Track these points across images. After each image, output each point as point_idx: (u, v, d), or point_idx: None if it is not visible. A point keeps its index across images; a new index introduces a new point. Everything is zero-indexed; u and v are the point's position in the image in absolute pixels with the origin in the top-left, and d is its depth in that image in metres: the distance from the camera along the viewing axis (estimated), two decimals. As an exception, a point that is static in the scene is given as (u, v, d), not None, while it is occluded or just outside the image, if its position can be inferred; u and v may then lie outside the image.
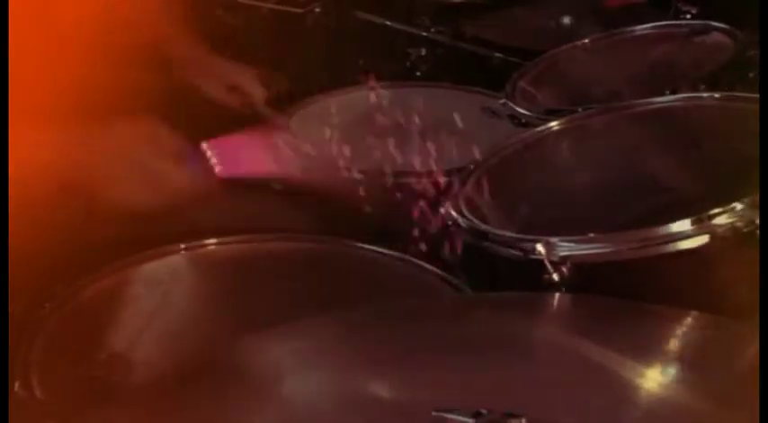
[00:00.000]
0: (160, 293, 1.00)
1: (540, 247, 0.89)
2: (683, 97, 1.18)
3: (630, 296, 0.83)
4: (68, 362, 0.88)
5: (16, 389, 0.83)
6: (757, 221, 0.85)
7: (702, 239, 0.86)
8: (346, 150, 1.35)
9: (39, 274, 1.02)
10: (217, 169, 1.00)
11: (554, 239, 0.89)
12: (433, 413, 0.63)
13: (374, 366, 0.73)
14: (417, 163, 1.29)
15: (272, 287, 1.01)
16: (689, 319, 0.77)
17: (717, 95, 1.14)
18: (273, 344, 0.77)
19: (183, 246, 1.07)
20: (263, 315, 0.92)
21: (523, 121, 1.31)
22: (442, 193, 1.08)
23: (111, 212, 1.05)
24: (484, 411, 0.63)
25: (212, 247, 1.09)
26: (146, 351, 0.90)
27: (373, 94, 1.57)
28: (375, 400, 0.69)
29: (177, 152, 0.95)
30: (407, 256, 1.06)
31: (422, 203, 1.24)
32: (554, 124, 1.20)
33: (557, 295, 0.86)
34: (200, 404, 0.70)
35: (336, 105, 1.55)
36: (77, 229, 1.10)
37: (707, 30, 1.38)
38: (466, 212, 1.02)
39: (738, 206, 0.85)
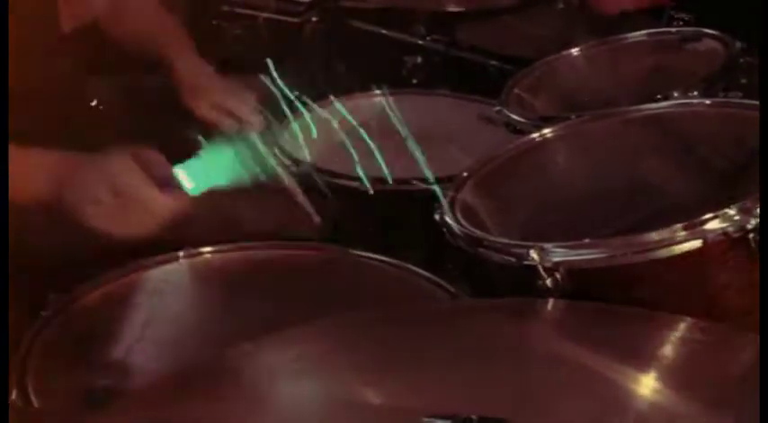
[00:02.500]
0: (157, 301, 1.00)
1: (533, 253, 0.89)
2: (676, 103, 1.19)
3: (623, 301, 0.84)
4: (65, 370, 0.88)
5: (13, 397, 0.84)
6: (749, 226, 0.85)
7: (694, 245, 0.86)
8: (342, 158, 1.36)
9: (35, 282, 1.03)
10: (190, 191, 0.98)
11: (547, 245, 0.90)
12: (424, 419, 0.63)
13: (367, 372, 0.73)
14: (413, 170, 1.30)
15: (268, 295, 1.02)
16: (681, 325, 0.78)
17: (708, 102, 1.14)
18: (269, 351, 0.78)
19: (180, 254, 1.08)
20: (260, 322, 0.93)
21: (518, 127, 1.32)
22: (437, 200, 1.09)
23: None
24: (474, 418, 0.63)
25: (209, 255, 1.09)
26: (143, 359, 0.91)
27: (369, 103, 1.58)
28: (366, 406, 0.69)
29: (162, 178, 0.95)
30: (403, 263, 1.06)
31: (417, 210, 1.24)
32: (549, 131, 1.21)
33: (550, 301, 0.87)
34: (197, 411, 0.70)
35: (333, 114, 1.55)
36: (74, 236, 1.11)
37: (699, 37, 1.39)
38: (461, 219, 1.03)
39: (730, 211, 0.86)
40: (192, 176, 0.97)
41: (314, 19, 1.90)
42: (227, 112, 1.29)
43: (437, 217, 1.05)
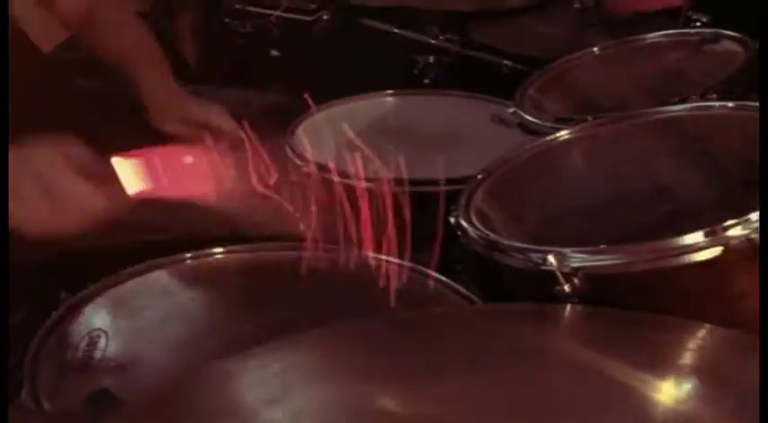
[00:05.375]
0: (166, 303, 0.99)
1: (551, 258, 0.88)
2: (695, 106, 1.17)
3: (643, 308, 0.82)
4: (75, 372, 0.87)
5: (23, 399, 0.83)
6: (771, 232, 0.84)
7: (716, 251, 0.84)
8: (354, 158, 1.35)
9: (46, 281, 1.02)
10: (128, 189, 0.92)
11: (566, 250, 0.88)
12: (444, 428, 0.62)
13: (382, 379, 0.72)
14: (426, 172, 1.29)
15: (278, 297, 1.01)
16: (702, 332, 0.76)
17: (730, 105, 1.12)
18: (279, 355, 0.77)
19: (189, 255, 1.07)
20: (270, 325, 0.92)
21: (533, 129, 1.30)
22: (451, 203, 1.07)
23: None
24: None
25: (219, 256, 1.08)
26: (152, 361, 0.90)
27: (381, 102, 1.57)
28: (382, 414, 0.68)
29: (92, 172, 0.89)
30: (417, 266, 1.05)
31: (431, 213, 1.23)
32: (564, 133, 1.19)
33: (568, 307, 0.85)
34: (206, 416, 0.69)
35: (344, 113, 1.54)
36: (84, 236, 1.10)
37: (717, 38, 1.37)
38: (476, 222, 1.01)
39: (753, 217, 0.84)
40: (131, 175, 0.91)
41: (325, 17, 1.89)
42: (201, 124, 1.25)
43: (452, 220, 1.04)
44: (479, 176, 1.12)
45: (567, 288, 0.87)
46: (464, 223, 1.01)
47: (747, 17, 1.40)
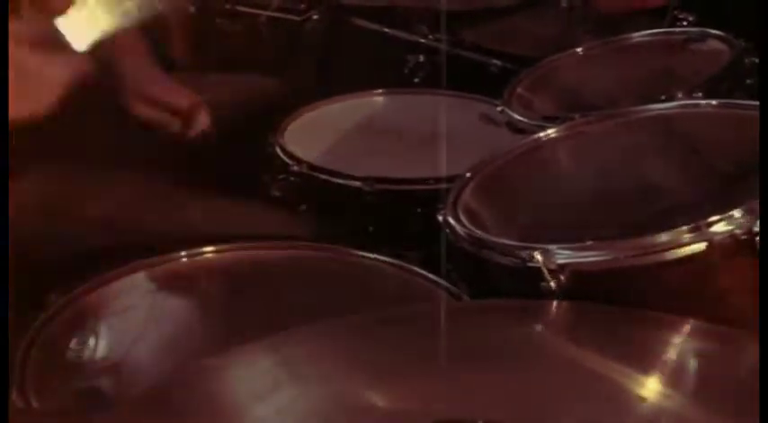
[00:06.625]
0: (154, 302, 1.00)
1: (537, 255, 0.88)
2: (681, 104, 1.18)
3: (628, 304, 0.83)
4: (64, 371, 0.88)
5: (13, 397, 0.83)
6: (755, 229, 0.84)
7: (700, 247, 0.85)
8: (344, 157, 1.35)
9: (35, 282, 1.02)
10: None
11: (552, 247, 0.89)
12: (431, 424, 0.63)
13: (370, 375, 0.72)
14: (415, 170, 1.29)
15: (268, 295, 1.01)
16: (687, 328, 0.77)
17: (714, 102, 1.13)
18: (268, 352, 0.77)
19: (176, 254, 1.07)
20: (259, 323, 0.92)
21: (521, 127, 1.31)
22: (439, 200, 1.08)
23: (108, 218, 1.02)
24: (481, 422, 0.62)
25: (210, 255, 1.09)
26: (141, 360, 0.90)
27: (371, 102, 1.58)
28: (370, 411, 0.68)
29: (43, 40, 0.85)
30: (404, 263, 1.06)
31: (419, 210, 1.24)
32: (551, 131, 1.20)
33: (554, 303, 0.86)
34: (194, 414, 0.69)
35: (334, 113, 1.55)
36: (75, 235, 1.10)
37: (704, 37, 1.38)
38: (463, 219, 1.02)
39: (736, 214, 0.85)
40: (75, 31, 0.90)
41: (315, 17, 1.90)
42: (168, 108, 1.19)
43: (440, 218, 1.04)
44: (468, 175, 1.12)
45: (553, 284, 0.87)
46: (452, 221, 1.02)
47: (733, 16, 1.41)
